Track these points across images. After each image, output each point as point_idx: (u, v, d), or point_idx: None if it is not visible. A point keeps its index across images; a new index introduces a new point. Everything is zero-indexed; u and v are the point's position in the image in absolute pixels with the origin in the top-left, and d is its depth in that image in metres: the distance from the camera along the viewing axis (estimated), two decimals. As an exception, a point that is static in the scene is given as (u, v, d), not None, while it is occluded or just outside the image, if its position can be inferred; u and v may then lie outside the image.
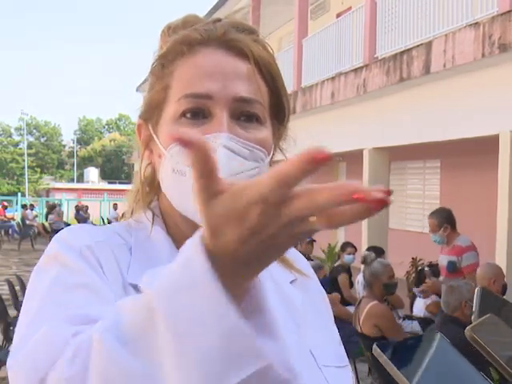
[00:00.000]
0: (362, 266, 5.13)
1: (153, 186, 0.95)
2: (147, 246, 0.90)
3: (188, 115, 0.85)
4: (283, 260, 0.98)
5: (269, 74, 0.89)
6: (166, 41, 0.91)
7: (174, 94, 0.86)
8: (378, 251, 6.63)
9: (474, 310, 0.76)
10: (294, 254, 1.04)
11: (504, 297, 5.27)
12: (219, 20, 0.91)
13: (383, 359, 0.72)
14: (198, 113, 0.85)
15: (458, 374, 0.68)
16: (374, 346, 0.74)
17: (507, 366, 0.71)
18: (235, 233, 0.53)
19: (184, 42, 0.87)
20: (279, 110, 0.92)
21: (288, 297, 0.92)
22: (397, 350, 0.72)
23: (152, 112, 0.90)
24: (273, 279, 0.93)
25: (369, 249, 7.18)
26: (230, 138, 0.83)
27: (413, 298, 6.16)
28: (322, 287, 1.06)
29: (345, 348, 1.00)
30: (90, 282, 0.77)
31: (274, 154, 0.92)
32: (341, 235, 14.67)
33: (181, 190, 0.84)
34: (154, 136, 0.89)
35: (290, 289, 0.94)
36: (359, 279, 6.24)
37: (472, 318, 0.76)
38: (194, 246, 0.56)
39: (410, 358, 0.71)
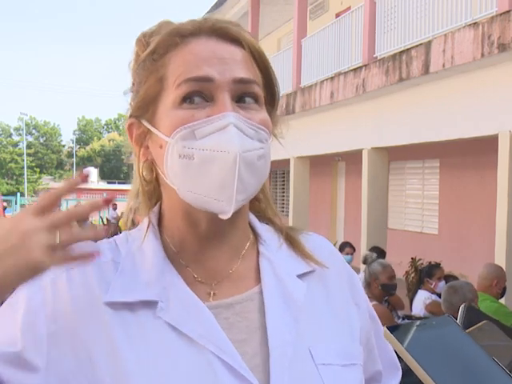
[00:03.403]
0: (364, 266, 5.13)
1: (153, 185, 0.94)
2: (137, 258, 0.90)
3: (188, 100, 0.84)
4: (301, 251, 0.97)
5: (261, 60, 0.90)
6: (144, 46, 0.90)
7: (172, 82, 0.86)
8: (379, 252, 6.63)
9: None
10: (319, 243, 1.01)
11: (503, 298, 5.27)
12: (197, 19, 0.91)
13: (394, 342, 0.71)
14: (200, 95, 0.84)
15: (469, 358, 0.68)
16: (385, 329, 0.73)
17: (505, 368, 0.70)
18: None
19: (176, 33, 0.87)
20: (272, 96, 0.93)
21: (289, 292, 0.90)
22: (408, 333, 0.72)
23: (147, 106, 0.88)
24: (275, 274, 0.91)
25: (371, 249, 7.19)
26: (237, 118, 0.83)
27: (412, 297, 6.15)
28: (350, 276, 1.01)
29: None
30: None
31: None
32: (340, 235, 14.68)
33: (189, 175, 0.84)
34: (153, 128, 0.88)
35: (295, 283, 0.92)
36: (360, 278, 6.24)
37: None
38: None
39: (422, 341, 0.70)
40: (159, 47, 0.87)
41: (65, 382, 0.82)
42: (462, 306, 0.77)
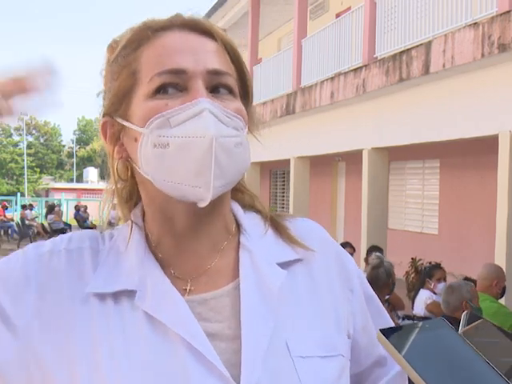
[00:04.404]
0: (366, 267, 5.18)
1: (130, 183, 0.94)
2: (121, 250, 0.91)
3: (162, 90, 0.84)
4: (287, 237, 0.94)
5: (233, 53, 0.89)
6: (114, 52, 0.89)
7: (145, 76, 0.85)
8: (378, 251, 6.71)
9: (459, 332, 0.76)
10: (309, 228, 0.98)
11: (503, 299, 5.28)
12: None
13: (386, 344, 0.71)
14: (173, 86, 0.84)
15: (463, 361, 0.68)
16: (378, 332, 0.73)
17: (499, 371, 0.71)
18: None
19: (147, 28, 0.87)
20: (245, 90, 0.92)
21: (266, 280, 0.87)
22: (401, 336, 0.72)
23: (119, 102, 0.88)
24: (254, 264, 0.89)
25: (371, 248, 7.22)
26: (212, 104, 0.82)
27: (414, 297, 6.17)
28: (343, 260, 0.97)
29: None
30: None
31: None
32: (340, 235, 14.68)
33: (164, 164, 0.82)
34: (127, 123, 0.87)
35: (273, 269, 0.89)
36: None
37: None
38: None
39: (415, 344, 0.70)
40: (131, 42, 0.87)
41: (38, 360, 0.83)
42: (465, 312, 0.77)
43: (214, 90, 0.85)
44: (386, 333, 0.73)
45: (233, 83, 0.87)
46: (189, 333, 0.82)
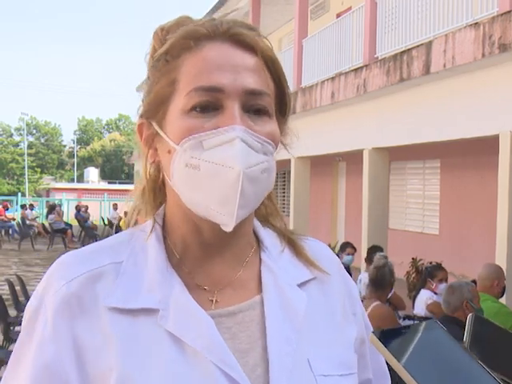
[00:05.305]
0: (368, 266, 5.20)
1: (158, 186, 0.94)
2: (140, 262, 0.89)
3: (198, 108, 0.84)
4: (304, 257, 0.96)
5: (274, 68, 0.89)
6: (161, 41, 0.89)
7: (183, 88, 0.85)
8: (379, 250, 6.74)
9: (465, 336, 0.75)
10: (318, 249, 1.01)
11: (503, 298, 5.28)
12: (214, 20, 0.90)
13: (380, 347, 0.72)
14: (209, 106, 0.84)
15: (456, 364, 0.68)
16: (371, 335, 0.74)
17: (490, 372, 0.71)
18: None
19: (190, 36, 0.86)
20: (283, 104, 0.92)
21: (290, 302, 0.90)
22: (395, 338, 0.72)
23: (157, 108, 0.88)
24: (277, 284, 0.91)
25: (373, 248, 7.23)
26: (245, 131, 0.82)
27: (415, 296, 6.17)
28: (348, 284, 1.01)
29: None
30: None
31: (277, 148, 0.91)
32: (341, 235, 14.68)
33: (194, 184, 0.83)
34: (161, 132, 0.87)
35: (295, 292, 0.91)
36: (361, 278, 6.29)
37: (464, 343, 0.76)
38: None
39: (409, 346, 0.71)
40: (173, 49, 0.87)
41: None
42: (470, 315, 0.77)
43: (250, 108, 0.85)
44: (379, 335, 0.74)
45: (269, 103, 0.87)
46: (218, 356, 0.82)
